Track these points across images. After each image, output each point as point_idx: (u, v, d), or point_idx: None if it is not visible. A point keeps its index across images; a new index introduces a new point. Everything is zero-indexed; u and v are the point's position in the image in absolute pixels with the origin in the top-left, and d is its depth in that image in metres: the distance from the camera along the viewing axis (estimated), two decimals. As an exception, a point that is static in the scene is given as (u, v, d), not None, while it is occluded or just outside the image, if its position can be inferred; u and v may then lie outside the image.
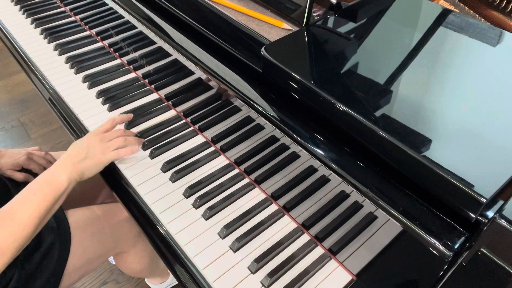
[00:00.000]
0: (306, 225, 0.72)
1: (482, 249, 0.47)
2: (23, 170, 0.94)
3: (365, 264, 0.64)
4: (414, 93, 0.61)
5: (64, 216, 0.86)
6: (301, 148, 0.65)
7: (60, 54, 1.13)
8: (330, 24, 0.75)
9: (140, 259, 1.06)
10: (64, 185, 0.74)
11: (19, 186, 0.88)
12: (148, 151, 0.86)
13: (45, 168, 0.96)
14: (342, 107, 0.57)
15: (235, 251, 0.70)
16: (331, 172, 0.61)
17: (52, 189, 0.73)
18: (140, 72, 1.05)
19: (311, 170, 0.68)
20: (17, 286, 0.76)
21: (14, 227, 0.68)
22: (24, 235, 0.68)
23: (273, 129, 0.70)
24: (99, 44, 1.16)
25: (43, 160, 0.96)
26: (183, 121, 0.93)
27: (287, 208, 0.74)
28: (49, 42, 1.17)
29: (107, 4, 1.07)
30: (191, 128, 0.91)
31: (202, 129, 0.89)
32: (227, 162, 0.84)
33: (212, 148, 0.87)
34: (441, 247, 0.50)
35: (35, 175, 0.92)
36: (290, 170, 0.73)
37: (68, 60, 1.10)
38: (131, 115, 0.91)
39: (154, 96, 0.99)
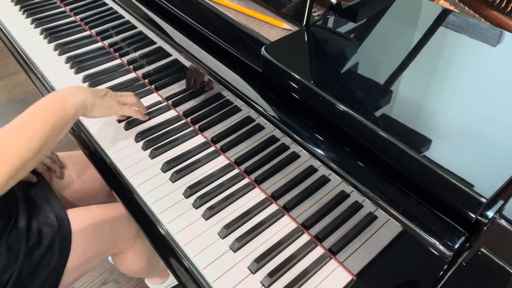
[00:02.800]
0: (306, 225, 0.72)
1: (482, 249, 0.47)
2: None
3: (365, 264, 0.64)
4: (414, 93, 0.61)
5: (65, 214, 0.86)
6: (301, 148, 0.65)
7: (60, 54, 1.13)
8: (330, 24, 0.75)
9: (139, 259, 1.06)
10: (73, 109, 0.73)
11: (21, 184, 0.88)
12: (148, 151, 0.86)
13: (49, 168, 0.96)
14: (342, 107, 0.57)
15: (235, 251, 0.70)
16: (331, 172, 0.61)
17: (61, 108, 0.71)
18: (140, 72, 1.05)
19: (311, 170, 0.68)
20: (17, 283, 0.76)
21: (18, 140, 0.65)
22: (27, 150, 0.65)
23: (273, 129, 0.70)
24: (99, 44, 1.16)
25: (47, 159, 0.96)
26: (183, 121, 0.93)
27: (287, 208, 0.74)
28: (49, 42, 1.17)
29: (107, 4, 1.07)
30: (191, 128, 0.91)
31: (202, 129, 0.89)
32: (227, 162, 0.84)
33: (212, 148, 0.87)
34: (441, 247, 0.50)
35: (38, 174, 0.92)
36: (290, 170, 0.73)
37: (68, 60, 1.10)
38: (146, 117, 0.92)
39: (154, 96, 0.99)
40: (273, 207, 0.76)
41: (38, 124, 0.67)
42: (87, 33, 1.21)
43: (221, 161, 0.84)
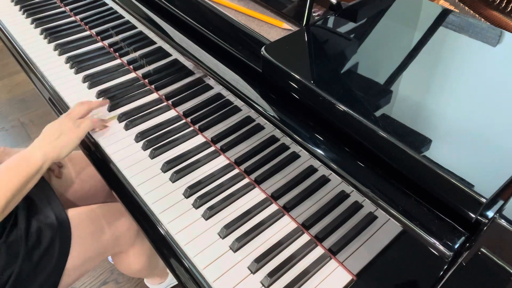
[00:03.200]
0: (306, 225, 0.72)
1: (482, 249, 0.47)
2: None
3: (365, 264, 0.64)
4: (414, 93, 0.61)
5: (65, 215, 0.86)
6: (301, 148, 0.65)
7: (60, 54, 1.13)
8: (330, 24, 0.75)
9: (139, 259, 1.06)
10: (39, 163, 0.77)
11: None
12: (148, 151, 0.86)
13: (48, 168, 0.96)
14: (342, 107, 0.57)
15: (235, 251, 0.70)
16: (331, 172, 0.61)
17: (27, 165, 0.76)
18: (140, 72, 1.05)
19: (311, 170, 0.68)
20: (17, 283, 0.76)
21: None
22: None
23: (273, 129, 0.70)
24: (99, 44, 1.16)
25: None
26: (183, 121, 0.93)
27: (287, 208, 0.74)
28: (49, 42, 1.17)
29: (107, 4, 1.07)
30: (191, 128, 0.91)
31: (202, 129, 0.89)
32: (227, 162, 0.84)
33: (212, 148, 0.87)
34: (441, 247, 0.50)
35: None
36: (290, 170, 0.73)
37: (68, 60, 1.10)
38: (107, 101, 0.94)
39: (154, 96, 0.99)
40: (273, 207, 0.76)
41: (4, 184, 0.72)
42: (87, 33, 1.21)
43: (221, 161, 0.84)
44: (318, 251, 0.70)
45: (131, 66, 1.07)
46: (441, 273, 0.52)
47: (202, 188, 0.79)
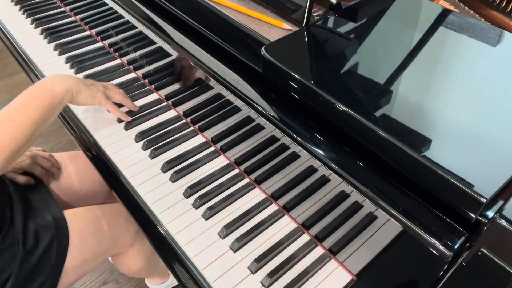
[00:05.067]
0: (306, 225, 0.72)
1: (482, 249, 0.47)
2: (24, 172, 0.93)
3: (365, 264, 0.64)
4: (414, 93, 0.61)
5: (62, 216, 0.86)
6: (301, 148, 0.65)
7: (60, 54, 1.13)
8: (330, 24, 0.75)
9: (138, 259, 1.06)
10: (62, 95, 0.77)
11: (18, 187, 0.88)
12: (148, 151, 0.86)
13: (48, 171, 0.96)
14: (342, 107, 0.57)
15: (235, 251, 0.70)
16: (331, 172, 0.61)
17: (50, 96, 0.75)
18: (140, 72, 1.05)
19: (311, 170, 0.68)
20: (15, 285, 0.76)
21: (12, 128, 0.69)
22: (20, 135, 0.70)
23: (273, 129, 0.70)
24: (99, 44, 1.16)
25: (47, 163, 0.95)
26: (183, 121, 0.93)
27: (287, 208, 0.74)
28: (49, 42, 1.17)
29: (107, 4, 1.07)
30: (191, 128, 0.91)
31: (202, 129, 0.89)
32: (227, 162, 0.84)
33: (212, 148, 0.87)
34: (441, 247, 0.50)
35: (37, 177, 0.92)
36: (290, 170, 0.73)
37: (68, 60, 1.10)
38: (137, 107, 0.95)
39: (154, 96, 0.99)
40: (273, 207, 0.76)
41: (29, 112, 0.71)
42: (87, 33, 1.21)
43: (221, 161, 0.84)
44: (318, 251, 0.70)
45: (131, 66, 1.07)
46: (441, 273, 0.52)
47: (202, 188, 0.79)
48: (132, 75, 1.06)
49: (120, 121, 0.93)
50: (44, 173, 0.94)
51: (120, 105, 0.93)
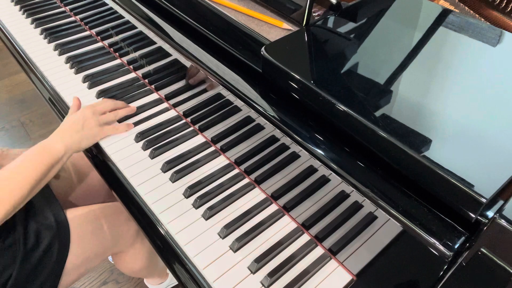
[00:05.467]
0: (306, 225, 0.72)
1: (482, 249, 0.47)
2: None
3: (365, 264, 0.64)
4: (414, 93, 0.61)
5: (64, 215, 0.86)
6: (301, 148, 0.65)
7: (60, 54, 1.13)
8: (330, 24, 0.75)
9: (138, 258, 1.06)
10: (61, 153, 0.80)
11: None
12: (148, 151, 0.86)
13: None
14: (342, 107, 0.57)
15: (235, 251, 0.70)
16: (331, 172, 0.61)
17: (49, 156, 0.78)
18: (140, 72, 1.05)
19: (311, 170, 0.68)
20: (16, 285, 0.76)
21: (11, 186, 0.72)
22: (19, 194, 0.73)
23: (273, 129, 0.70)
24: (99, 44, 1.16)
25: None
26: (183, 121, 0.93)
27: (287, 208, 0.74)
28: (49, 42, 1.17)
29: (107, 4, 1.07)
30: (191, 128, 0.91)
31: (202, 129, 0.89)
32: (227, 162, 0.84)
33: (212, 148, 0.87)
34: (441, 247, 0.50)
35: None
36: (290, 170, 0.73)
37: (68, 60, 1.10)
38: (134, 108, 0.95)
39: (154, 96, 0.99)
40: (273, 207, 0.76)
41: (28, 172, 0.75)
42: (87, 33, 1.21)
43: (221, 161, 0.84)
44: (318, 251, 0.70)
45: (131, 66, 1.07)
46: (441, 273, 0.52)
47: (202, 188, 0.79)
48: (132, 75, 1.06)
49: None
50: None
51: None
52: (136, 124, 0.92)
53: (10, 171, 0.75)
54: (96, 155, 0.90)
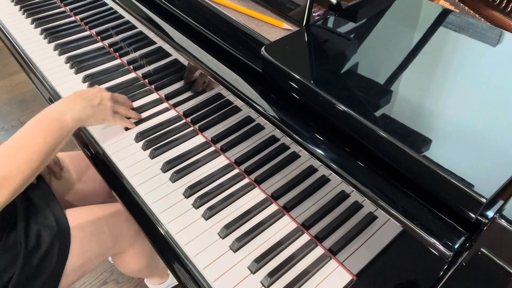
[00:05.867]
0: (306, 225, 0.72)
1: (482, 249, 0.47)
2: None
3: (365, 264, 0.64)
4: (414, 93, 0.61)
5: (64, 216, 0.86)
6: (301, 148, 0.65)
7: (60, 54, 1.13)
8: (330, 24, 0.75)
9: (139, 258, 1.06)
10: (70, 126, 0.77)
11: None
12: (148, 151, 0.86)
13: (50, 169, 0.96)
14: (342, 107, 0.57)
15: (235, 251, 0.70)
16: (331, 172, 0.61)
17: (59, 128, 0.74)
18: (140, 72, 1.05)
19: (311, 170, 0.68)
20: (17, 285, 0.76)
21: (19, 159, 0.68)
22: (28, 168, 0.69)
23: (273, 129, 0.70)
24: (99, 44, 1.17)
25: None
26: (183, 121, 0.93)
27: (287, 208, 0.74)
28: (49, 42, 1.17)
29: (107, 4, 1.07)
30: (191, 128, 0.91)
31: (202, 129, 0.89)
32: (227, 162, 0.84)
33: (212, 148, 0.87)
34: (441, 247, 0.50)
35: (38, 177, 0.92)
36: (290, 170, 0.73)
37: (68, 60, 1.10)
38: (141, 116, 0.94)
39: (154, 96, 0.99)
40: (273, 207, 0.76)
41: (37, 143, 0.70)
42: (87, 33, 1.21)
43: (221, 161, 0.84)
44: (318, 251, 0.70)
45: (131, 66, 1.07)
46: (441, 273, 0.52)
47: (202, 188, 0.79)
48: (132, 75, 1.06)
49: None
50: (46, 170, 0.94)
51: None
52: (136, 124, 0.92)
53: (16, 141, 0.70)
54: (96, 155, 0.90)
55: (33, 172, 0.70)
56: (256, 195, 0.78)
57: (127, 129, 0.91)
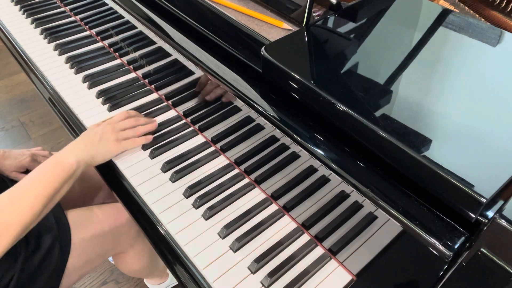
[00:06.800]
0: (306, 225, 0.72)
1: (482, 249, 0.47)
2: (27, 171, 0.94)
3: (365, 264, 0.64)
4: (414, 93, 0.61)
5: (64, 217, 0.86)
6: (301, 148, 0.65)
7: (60, 54, 1.13)
8: (330, 24, 0.75)
9: (139, 259, 1.06)
10: (74, 167, 0.75)
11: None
12: (148, 151, 0.86)
13: None
14: (342, 107, 0.57)
15: (235, 251, 0.70)
16: (331, 172, 0.61)
17: (62, 170, 0.74)
18: (140, 72, 1.05)
19: (311, 170, 0.68)
20: (17, 286, 0.76)
21: (22, 206, 0.68)
22: (31, 214, 0.68)
23: (273, 129, 0.70)
24: (99, 44, 1.17)
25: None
26: (183, 121, 0.93)
27: (287, 208, 0.74)
28: (49, 42, 1.17)
29: (107, 4, 1.07)
30: (191, 128, 0.91)
31: (202, 129, 0.89)
32: (227, 162, 0.84)
33: (212, 148, 0.87)
34: (441, 247, 0.50)
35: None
36: (290, 170, 0.73)
37: (68, 60, 1.10)
38: (155, 124, 0.89)
39: (154, 96, 0.99)
40: (273, 207, 0.76)
41: (40, 189, 0.70)
42: (87, 33, 1.21)
43: (221, 161, 0.84)
44: (318, 251, 0.70)
45: (131, 66, 1.07)
46: (441, 273, 0.52)
47: (202, 188, 0.79)
48: (132, 75, 1.06)
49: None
50: None
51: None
52: (136, 124, 0.92)
53: (20, 188, 0.70)
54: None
55: (35, 217, 0.70)
56: (256, 195, 0.78)
57: (145, 146, 0.88)
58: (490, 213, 0.48)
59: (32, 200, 0.69)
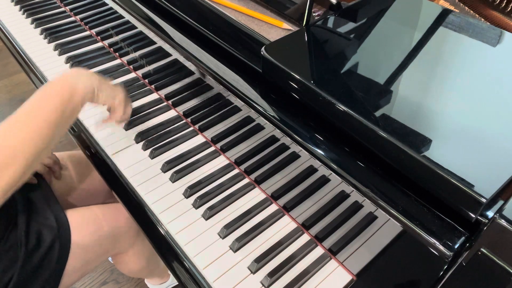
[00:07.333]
0: (306, 225, 0.72)
1: (482, 249, 0.47)
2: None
3: (365, 264, 0.64)
4: (414, 93, 0.61)
5: (64, 216, 0.86)
6: (301, 148, 0.65)
7: (60, 54, 1.13)
8: (330, 24, 0.75)
9: (139, 259, 1.06)
10: (83, 93, 0.69)
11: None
12: (148, 151, 0.86)
13: (50, 169, 0.96)
14: (342, 107, 0.57)
15: (235, 251, 0.70)
16: (331, 172, 0.61)
17: (70, 94, 0.68)
18: (140, 72, 1.05)
19: (311, 170, 0.68)
20: (17, 286, 0.76)
21: (29, 132, 0.62)
22: (38, 140, 0.63)
23: (273, 129, 0.70)
24: (99, 44, 1.16)
25: (48, 159, 0.96)
26: (183, 121, 0.93)
27: (287, 208, 0.74)
28: (49, 42, 1.17)
29: (107, 4, 1.07)
30: (191, 128, 0.91)
31: (202, 129, 0.89)
32: (227, 162, 0.84)
33: (212, 148, 0.87)
34: (441, 247, 0.50)
35: (38, 175, 0.92)
36: (290, 170, 0.73)
37: (68, 60, 1.10)
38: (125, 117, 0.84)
39: (154, 96, 0.99)
40: (273, 207, 0.76)
41: (47, 113, 0.64)
42: (87, 33, 1.21)
43: (221, 161, 0.84)
44: (318, 251, 0.70)
45: (131, 66, 1.07)
46: (441, 273, 0.52)
47: (202, 188, 0.79)
48: (132, 75, 1.06)
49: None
50: (46, 170, 0.94)
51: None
52: (136, 124, 0.92)
53: (25, 112, 0.63)
54: (96, 155, 0.90)
55: (44, 145, 0.63)
56: (256, 195, 0.78)
57: (127, 125, 0.89)
58: (490, 213, 0.48)
59: (40, 124, 0.63)
